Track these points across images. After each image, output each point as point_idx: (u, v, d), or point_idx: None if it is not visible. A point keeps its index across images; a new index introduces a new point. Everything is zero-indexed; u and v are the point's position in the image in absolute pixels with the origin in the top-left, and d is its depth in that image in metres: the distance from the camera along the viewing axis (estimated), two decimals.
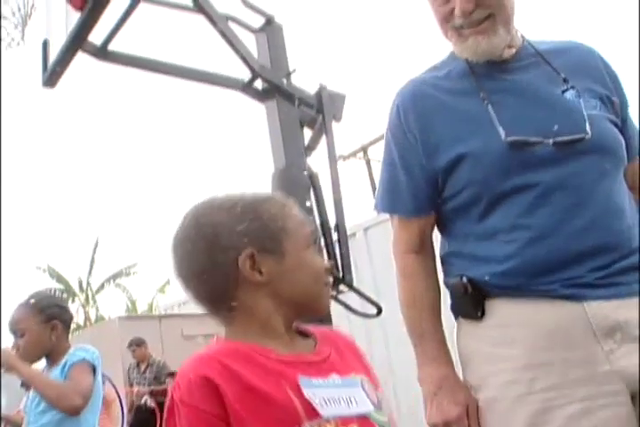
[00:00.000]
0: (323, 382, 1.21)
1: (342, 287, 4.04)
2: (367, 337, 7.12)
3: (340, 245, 3.96)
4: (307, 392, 1.17)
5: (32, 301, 2.87)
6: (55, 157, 48.50)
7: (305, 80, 4.43)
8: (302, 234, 1.25)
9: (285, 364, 1.20)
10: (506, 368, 1.58)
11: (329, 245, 3.94)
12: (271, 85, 4.08)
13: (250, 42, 4.39)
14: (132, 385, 8.85)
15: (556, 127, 1.60)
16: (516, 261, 1.60)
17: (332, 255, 3.92)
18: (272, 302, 1.22)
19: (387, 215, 6.67)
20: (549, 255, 1.57)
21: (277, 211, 1.24)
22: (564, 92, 1.65)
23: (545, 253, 1.57)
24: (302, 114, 4.17)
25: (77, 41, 4.34)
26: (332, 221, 4.10)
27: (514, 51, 1.72)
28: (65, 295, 25.34)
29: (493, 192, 1.64)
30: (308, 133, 4.29)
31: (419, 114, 1.73)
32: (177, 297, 11.55)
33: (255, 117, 4.41)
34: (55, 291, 24.25)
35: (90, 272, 25.75)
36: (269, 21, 4.42)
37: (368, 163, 17.86)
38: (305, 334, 1.32)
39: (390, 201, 1.83)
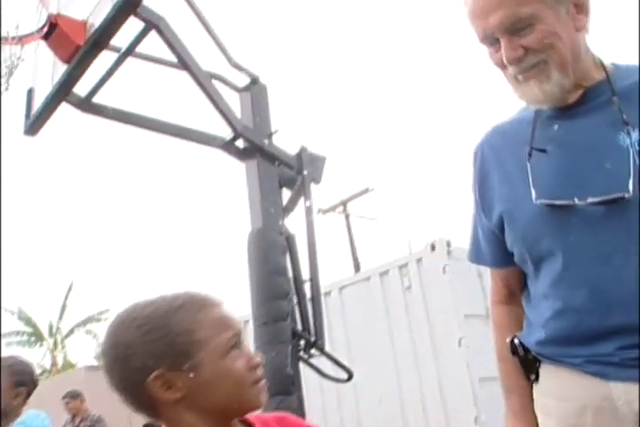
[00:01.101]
0: None
1: (314, 351, 3.97)
2: (338, 399, 7.01)
3: (313, 310, 3.92)
4: None
5: (10, 361, 2.88)
6: (31, 201, 48.22)
7: (288, 139, 4.47)
8: (220, 341, 1.18)
9: None
10: None
11: (302, 309, 3.90)
12: (252, 145, 4.09)
13: (234, 100, 4.42)
14: None
15: (594, 185, 1.42)
16: (547, 330, 1.53)
17: (305, 320, 3.88)
18: (195, 416, 1.18)
19: (363, 275, 6.63)
20: (575, 329, 1.47)
21: (190, 320, 1.18)
22: (625, 137, 1.43)
23: (570, 326, 1.48)
24: (282, 174, 4.18)
25: (62, 92, 4.36)
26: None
27: (581, 92, 1.51)
28: (33, 339, 24.88)
29: (533, 254, 1.54)
30: (287, 193, 4.29)
31: (480, 169, 1.67)
32: None
33: (236, 175, 4.41)
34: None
35: (60, 316, 25.36)
36: (254, 81, 4.46)
37: (347, 217, 17.93)
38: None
39: (474, 252, 1.76)
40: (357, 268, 16.85)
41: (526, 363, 1.60)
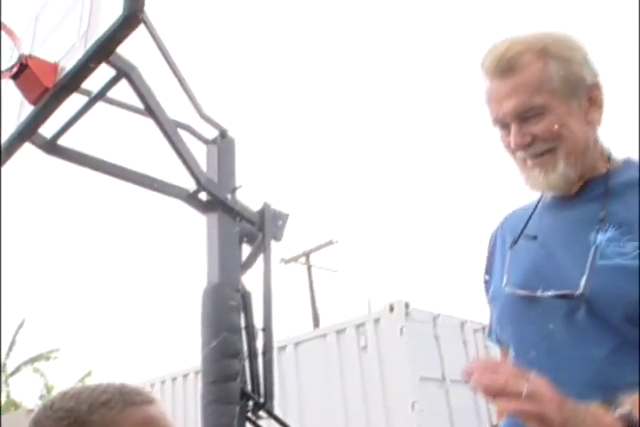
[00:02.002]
0: None
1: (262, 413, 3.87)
2: None
3: (264, 371, 3.83)
4: None
5: None
6: None
7: (251, 194, 4.44)
8: None
9: None
10: None
11: (253, 369, 3.81)
12: (215, 199, 4.04)
13: (201, 152, 4.39)
14: None
15: (555, 280, 1.43)
16: (509, 416, 1.48)
17: (255, 380, 3.79)
18: None
19: (319, 332, 6.52)
20: (516, 422, 1.39)
21: (112, 419, 1.15)
22: (597, 234, 1.42)
23: (514, 418, 1.40)
24: (243, 229, 4.13)
25: (27, 132, 4.30)
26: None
27: (582, 183, 1.51)
28: None
29: (503, 339, 1.59)
30: (246, 249, 4.24)
31: (490, 251, 1.72)
32: None
33: (196, 228, 4.36)
34: None
35: (8, 353, 24.61)
36: (223, 134, 4.44)
37: (309, 269, 17.85)
38: None
39: (488, 329, 1.75)
40: (317, 320, 16.71)
41: None
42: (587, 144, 1.49)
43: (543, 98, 1.44)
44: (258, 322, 4.08)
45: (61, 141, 4.40)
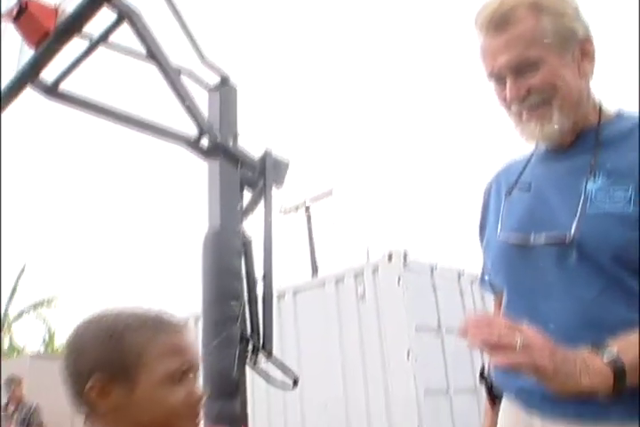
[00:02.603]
0: None
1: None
2: (284, 403, 7.00)
3: (264, 314, 3.90)
4: None
5: None
6: None
7: (252, 141, 4.44)
8: (164, 369, 1.22)
9: None
10: None
11: (253, 313, 3.88)
12: (216, 145, 4.05)
13: (203, 99, 4.38)
14: None
15: (548, 227, 1.49)
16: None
17: (254, 324, 3.86)
18: None
19: (318, 281, 6.56)
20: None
21: (143, 342, 1.23)
22: (587, 183, 1.47)
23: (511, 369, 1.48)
24: (244, 176, 4.15)
25: (28, 77, 4.27)
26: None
27: (575, 135, 1.56)
28: None
29: (496, 285, 1.69)
30: (247, 195, 4.26)
31: (484, 204, 1.80)
32: None
33: (198, 173, 4.37)
34: None
35: (10, 299, 24.88)
36: (225, 81, 4.42)
37: (309, 219, 17.91)
38: None
39: (481, 278, 1.85)
40: (315, 270, 16.85)
41: (489, 390, 1.69)
42: (580, 96, 1.53)
43: (537, 51, 1.47)
44: (258, 269, 4.14)
45: (63, 86, 4.37)
